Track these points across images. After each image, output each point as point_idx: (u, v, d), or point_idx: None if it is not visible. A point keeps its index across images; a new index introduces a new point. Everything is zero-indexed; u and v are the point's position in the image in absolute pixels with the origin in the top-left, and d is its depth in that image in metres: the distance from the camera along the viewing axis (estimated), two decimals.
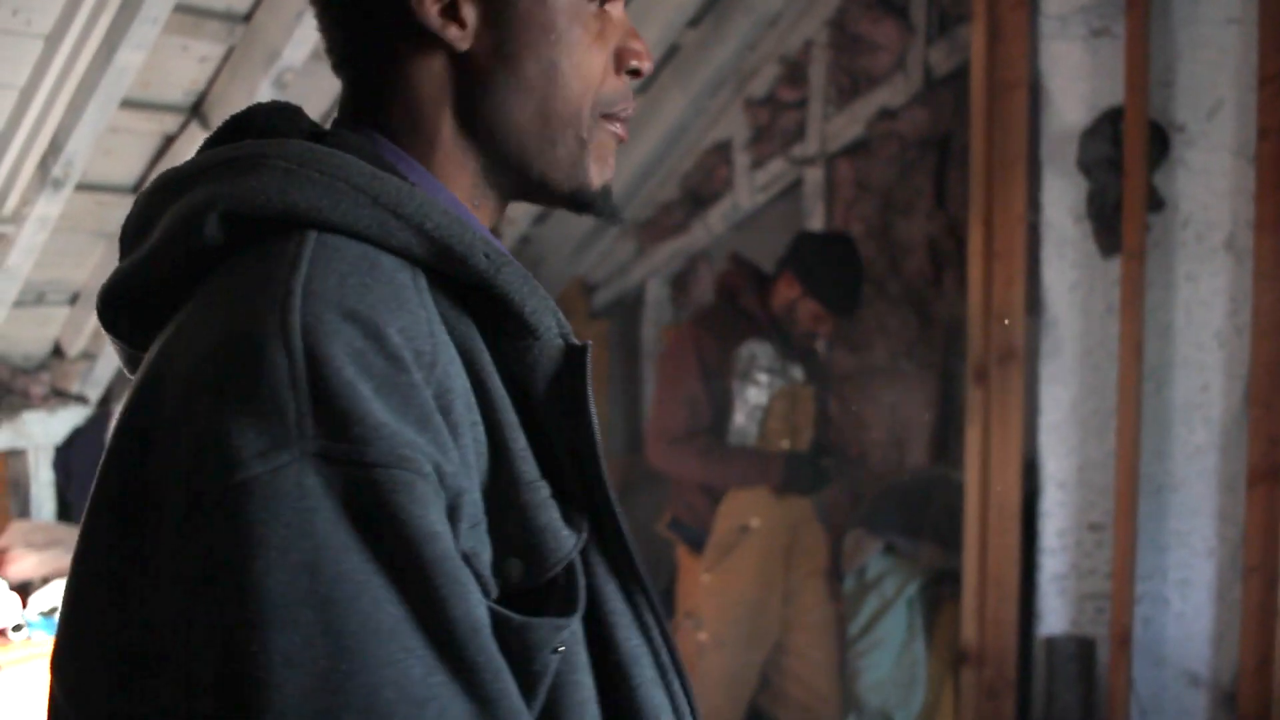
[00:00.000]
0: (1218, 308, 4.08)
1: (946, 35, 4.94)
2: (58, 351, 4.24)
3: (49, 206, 3.53)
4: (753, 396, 3.98)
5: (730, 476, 4.04)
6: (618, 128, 1.17)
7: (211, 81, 3.80)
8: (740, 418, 3.97)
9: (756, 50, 5.38)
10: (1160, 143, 4.10)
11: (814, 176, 5.33)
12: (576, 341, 1.07)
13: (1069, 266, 4.25)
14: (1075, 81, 4.24)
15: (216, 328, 0.95)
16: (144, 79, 3.59)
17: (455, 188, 1.14)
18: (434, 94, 1.12)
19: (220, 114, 3.79)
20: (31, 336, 4.15)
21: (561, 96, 1.12)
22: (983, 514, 4.13)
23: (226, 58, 3.76)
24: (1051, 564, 4.20)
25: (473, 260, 1.02)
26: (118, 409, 1.04)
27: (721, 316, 4.14)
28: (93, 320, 4.13)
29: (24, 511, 4.22)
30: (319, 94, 4.06)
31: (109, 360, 4.16)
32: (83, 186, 3.71)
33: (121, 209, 3.93)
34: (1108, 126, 4.14)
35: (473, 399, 1.00)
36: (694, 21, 5.20)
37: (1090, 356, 4.24)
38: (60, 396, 4.22)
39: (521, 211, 5.33)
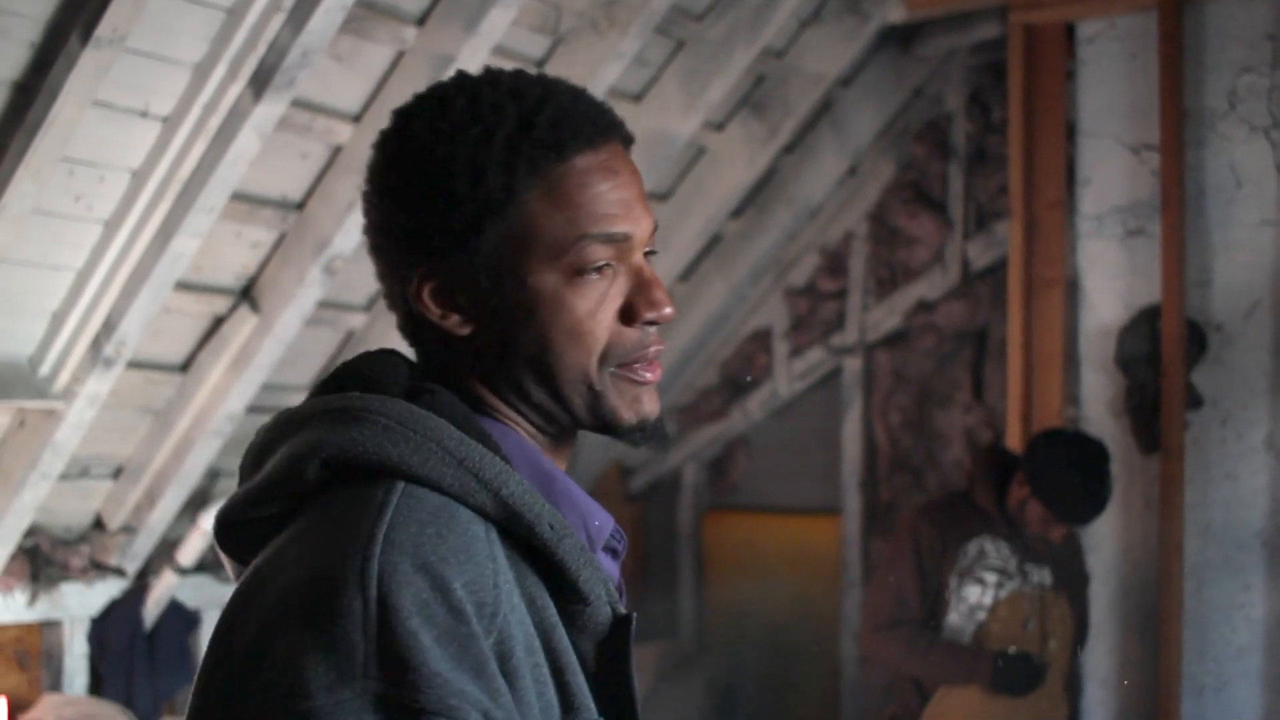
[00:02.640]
0: (1258, 507, 4.06)
1: (984, 230, 5.02)
2: (98, 524, 4.27)
3: (99, 385, 3.59)
4: (972, 595, 3.70)
5: (934, 671, 3.76)
6: (643, 373, 1.23)
7: (263, 266, 3.89)
8: (955, 616, 3.70)
9: (797, 240, 5.47)
10: (1198, 341, 4.13)
11: (852, 366, 5.37)
12: (623, 611, 1.18)
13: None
14: (1112, 279, 4.28)
15: (305, 562, 1.07)
16: (197, 262, 3.67)
17: (522, 431, 1.24)
18: (463, 370, 1.23)
19: (270, 298, 3.87)
20: (73, 509, 4.18)
21: (561, 365, 1.20)
22: None
23: (278, 244, 3.86)
24: None
25: (539, 529, 1.12)
26: (220, 613, 1.14)
27: (950, 509, 3.91)
28: (135, 494, 4.16)
29: (56, 684, 4.20)
30: (367, 279, 4.14)
31: (149, 534, 4.19)
32: (132, 364, 3.77)
33: (168, 387, 3.99)
34: (1145, 324, 4.17)
35: (536, 643, 1.10)
36: (736, 212, 5.30)
37: (1130, 553, 4.22)
38: (98, 569, 4.24)
39: None
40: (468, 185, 1.16)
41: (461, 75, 1.24)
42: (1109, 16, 4.36)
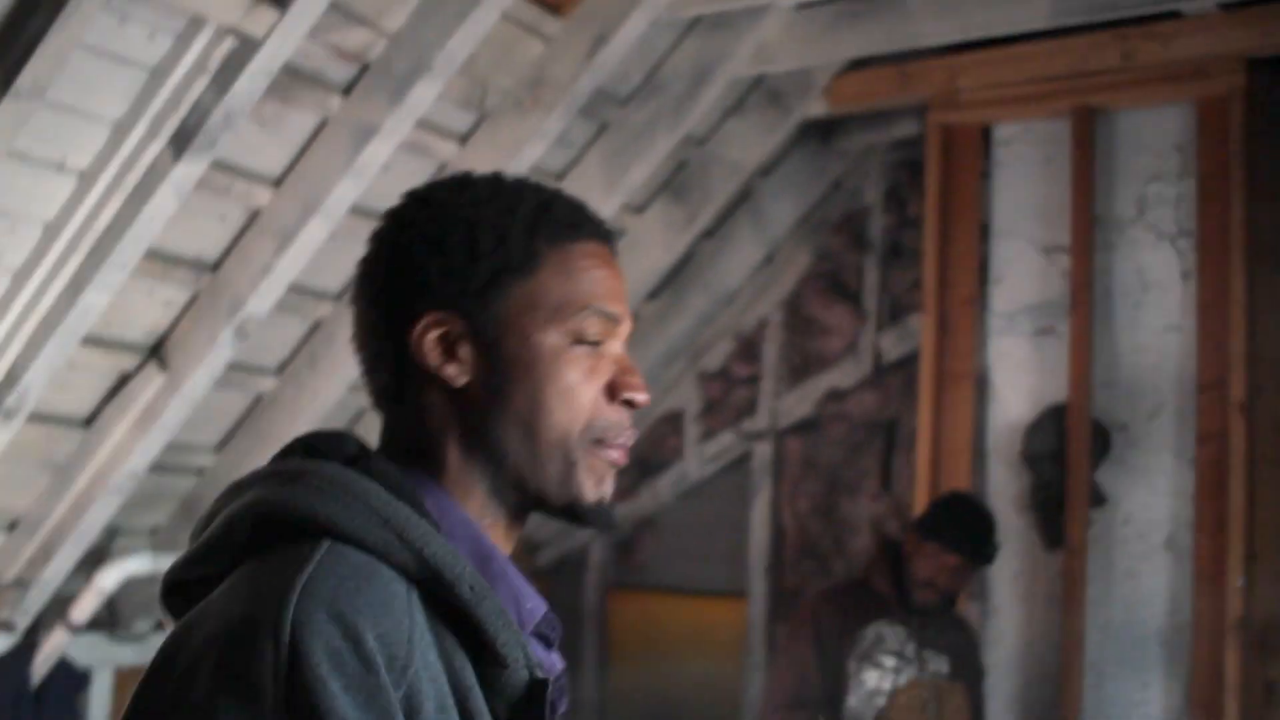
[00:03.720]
0: (1158, 606, 4.11)
1: (897, 323, 5.09)
2: None
3: None
4: (871, 680, 3.68)
5: None
6: (613, 453, 1.28)
7: (174, 325, 3.85)
8: (853, 700, 3.67)
9: (712, 325, 5.51)
10: (1102, 440, 4.20)
11: (763, 451, 5.40)
12: (540, 675, 1.18)
13: (1012, 556, 4.29)
14: (1021, 376, 4.36)
15: (229, 610, 1.10)
16: (106, 317, 3.63)
17: (468, 507, 1.26)
18: (440, 424, 1.27)
19: (180, 357, 3.83)
20: None
21: (547, 424, 1.25)
22: None
23: (191, 303, 3.82)
24: None
25: (459, 589, 1.14)
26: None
27: (849, 594, 3.92)
28: (29, 548, 4.07)
29: None
30: (279, 344, 4.12)
31: (42, 589, 4.08)
32: (34, 417, 3.71)
33: (70, 442, 3.92)
34: (1051, 422, 4.24)
35: (450, 702, 1.12)
36: (653, 295, 5.33)
37: (1032, 647, 4.25)
38: None
39: None
40: (491, 243, 1.25)
41: (464, 174, 1.34)
42: (1024, 120, 4.47)
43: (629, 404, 1.29)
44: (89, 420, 3.94)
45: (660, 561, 5.72)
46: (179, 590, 1.23)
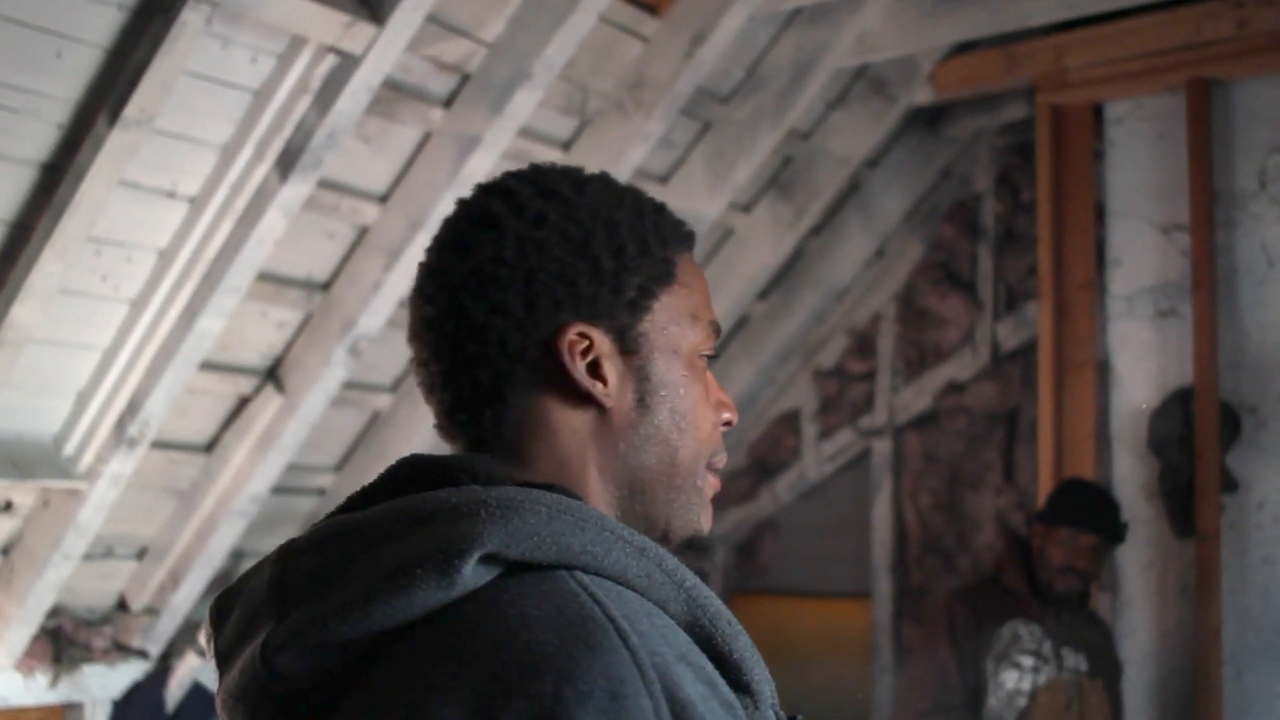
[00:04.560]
0: None
1: (1014, 311, 4.99)
2: (122, 605, 4.24)
3: (123, 464, 3.58)
4: (1010, 680, 3.61)
5: None
6: (716, 479, 1.22)
7: (288, 346, 3.89)
8: (994, 701, 3.61)
9: (825, 322, 5.45)
10: (1232, 423, 4.07)
11: (882, 448, 5.33)
12: (785, 714, 1.10)
13: (1143, 546, 4.18)
14: (1143, 361, 4.24)
15: (543, 663, 0.91)
16: (222, 342, 3.67)
17: None
18: (579, 447, 1.14)
19: (295, 379, 3.86)
20: (96, 589, 4.16)
21: (688, 446, 1.17)
22: None
23: (304, 324, 3.85)
24: None
25: (719, 624, 1.03)
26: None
27: (983, 593, 3.87)
28: (158, 575, 4.14)
29: None
30: (393, 360, 4.14)
31: (172, 615, 4.15)
32: (156, 444, 3.76)
33: (192, 467, 3.98)
34: (1177, 407, 4.12)
35: None
36: (763, 294, 5.28)
37: (1167, 639, 4.13)
38: (121, 650, 4.20)
39: None
40: (637, 250, 1.15)
41: (552, 165, 1.21)
42: (1136, 97, 4.35)
43: (727, 424, 1.22)
44: (210, 445, 3.99)
45: (782, 564, 5.67)
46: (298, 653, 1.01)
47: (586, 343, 1.13)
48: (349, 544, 1.03)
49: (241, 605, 1.09)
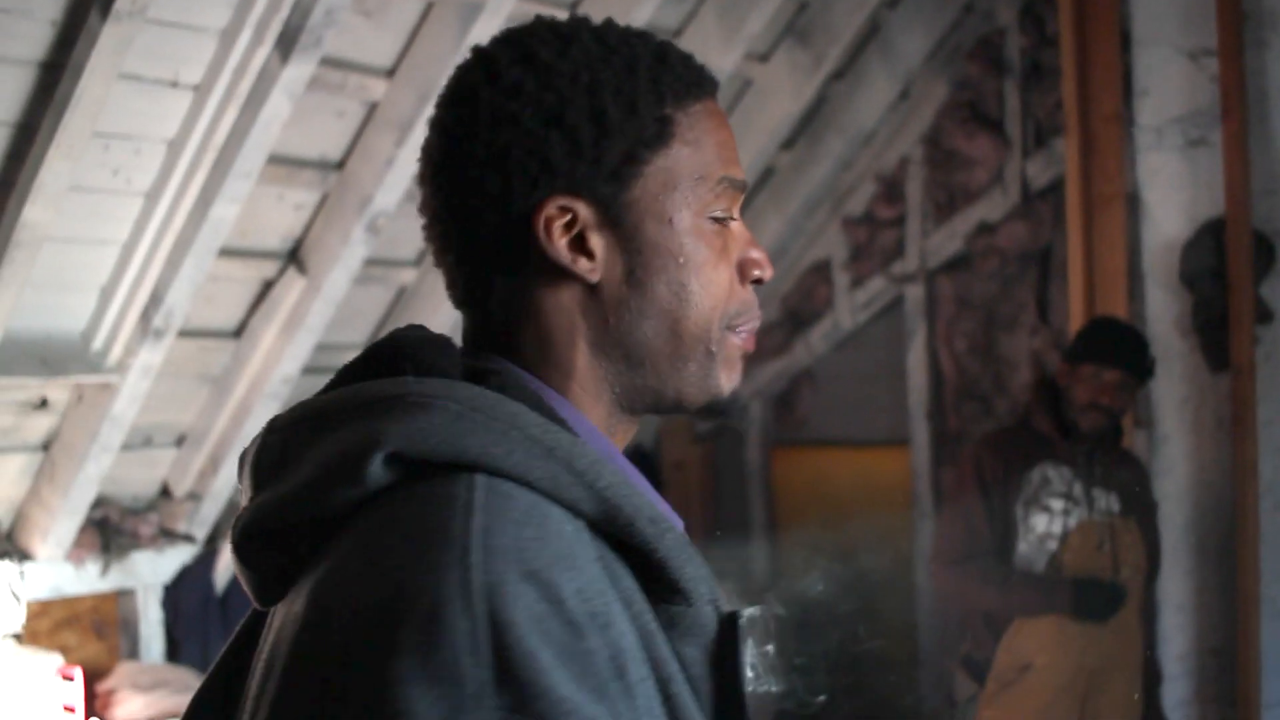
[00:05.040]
0: None
1: (1043, 148, 4.89)
2: (165, 492, 4.31)
3: (151, 355, 3.61)
4: (1040, 524, 3.60)
5: (1011, 605, 3.66)
6: (744, 338, 1.16)
7: (307, 228, 3.88)
8: (1024, 545, 3.61)
9: (852, 169, 5.38)
10: (1265, 253, 4.00)
11: (915, 294, 5.29)
12: (726, 608, 1.06)
13: (1178, 381, 4.14)
14: (1174, 193, 4.16)
15: (384, 578, 0.93)
16: (241, 228, 3.67)
17: (593, 417, 1.13)
18: (567, 325, 1.12)
19: (317, 259, 3.86)
20: (139, 478, 4.23)
21: (692, 316, 1.11)
22: None
23: (321, 205, 3.84)
24: (1174, 690, 4.03)
25: (639, 524, 1.00)
26: (271, 642, 1.03)
27: (1011, 438, 3.83)
28: (198, 461, 4.20)
29: (133, 651, 4.27)
30: (414, 235, 4.12)
31: (215, 500, 4.22)
32: (185, 333, 3.79)
33: (223, 353, 4.01)
34: (1210, 238, 4.05)
35: (641, 654, 0.98)
36: (788, 144, 5.21)
37: (1203, 474, 4.12)
38: (168, 536, 4.28)
39: None
40: (621, 114, 1.09)
41: (550, 19, 1.14)
42: None
43: (758, 282, 1.16)
44: (238, 331, 4.01)
45: (820, 415, 5.68)
46: (260, 540, 1.05)
47: (568, 216, 1.09)
48: (306, 430, 1.04)
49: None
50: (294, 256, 3.92)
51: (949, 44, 5.14)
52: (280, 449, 1.06)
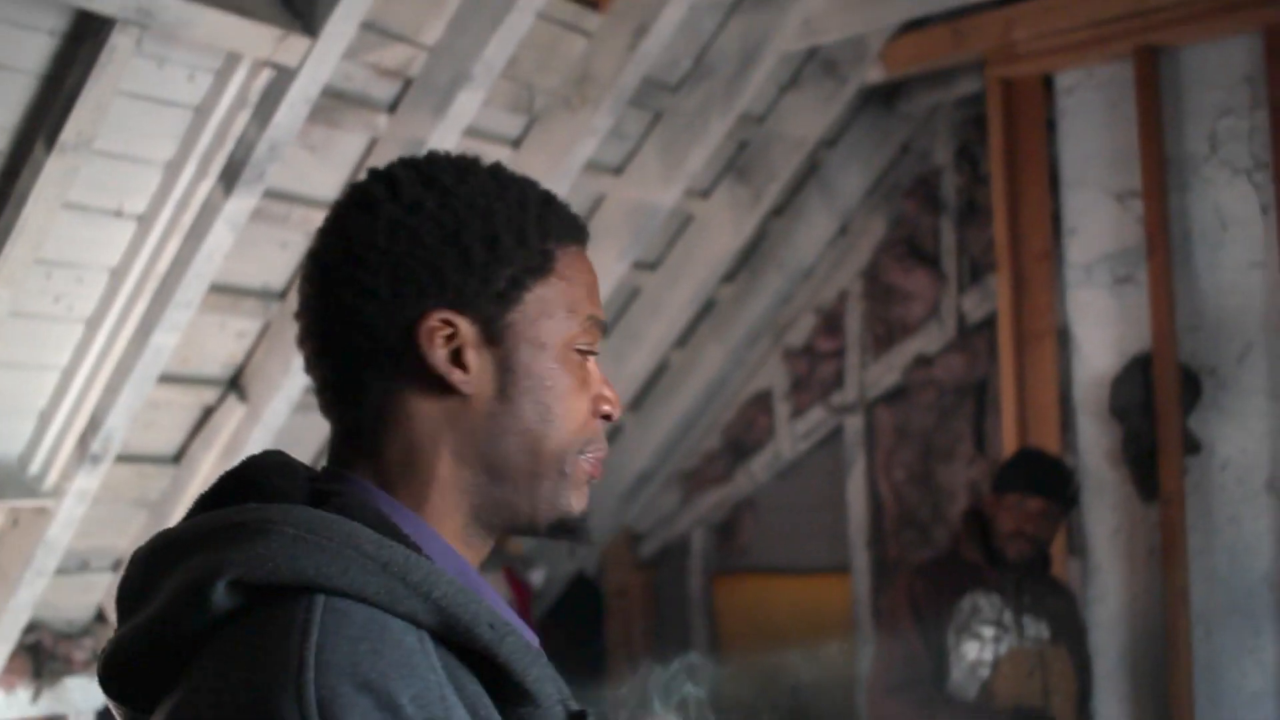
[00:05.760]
0: (1263, 551, 4.01)
1: (978, 283, 5.01)
2: (100, 617, 4.27)
3: (88, 480, 3.60)
4: (971, 652, 3.63)
5: None
6: (593, 464, 1.22)
7: (249, 355, 3.91)
8: (957, 673, 3.65)
9: (792, 302, 5.48)
10: (1192, 386, 4.10)
11: (854, 424, 5.36)
12: (576, 707, 1.10)
13: (1110, 511, 4.21)
14: (1103, 328, 4.27)
15: (231, 699, 0.97)
16: (183, 354, 3.70)
17: (447, 530, 1.17)
18: (434, 432, 1.16)
19: (258, 387, 3.89)
20: (75, 603, 4.19)
21: (552, 437, 1.17)
22: None
23: (263, 333, 3.88)
24: None
25: (477, 630, 1.04)
26: None
27: (942, 567, 3.88)
28: None
29: None
30: None
31: None
32: (124, 458, 3.79)
33: (162, 479, 4.01)
34: (1138, 372, 4.15)
35: None
36: (729, 277, 5.31)
37: (1136, 602, 4.17)
38: None
39: None
40: (512, 242, 1.16)
41: (447, 153, 1.23)
42: (1086, 67, 4.37)
43: (607, 418, 1.23)
44: (178, 456, 4.02)
45: (762, 543, 5.70)
46: (125, 671, 1.10)
47: (450, 330, 1.15)
48: (163, 559, 1.09)
49: None
50: (235, 384, 3.94)
51: (886, 182, 5.28)
52: (141, 579, 1.10)
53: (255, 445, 3.91)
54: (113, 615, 4.13)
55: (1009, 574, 3.66)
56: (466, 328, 1.15)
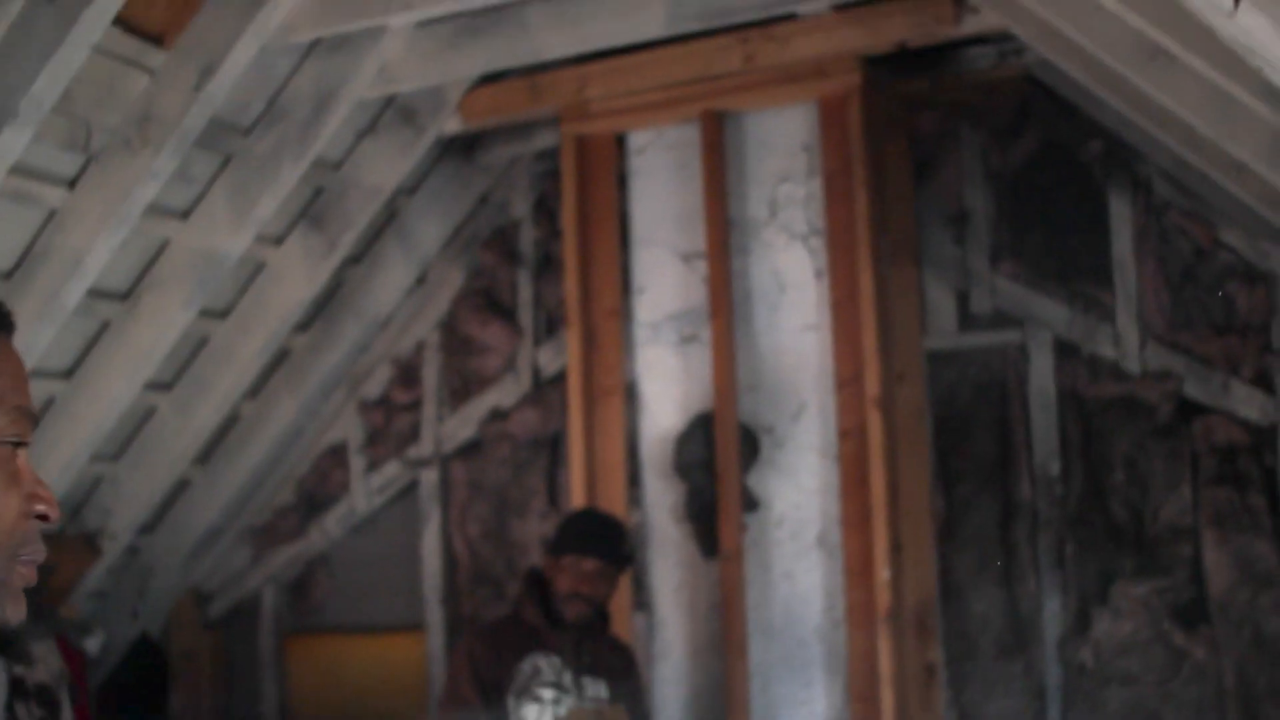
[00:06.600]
0: (815, 604, 4.17)
1: (554, 337, 5.04)
2: None
3: None
4: (531, 715, 3.54)
5: None
6: (28, 568, 1.15)
7: None
8: None
9: (369, 352, 5.36)
10: (751, 445, 4.23)
11: (430, 478, 5.28)
12: None
13: (673, 567, 4.29)
14: (669, 386, 4.36)
15: None
16: None
17: None
18: None
19: None
20: None
21: None
22: None
23: None
24: None
25: None
26: None
27: (502, 630, 3.78)
28: None
29: None
30: None
31: None
32: None
33: None
34: (700, 430, 4.25)
35: None
36: (303, 326, 5.14)
37: (698, 657, 4.25)
38: None
39: (126, 522, 5.05)
40: None
41: None
42: (656, 127, 4.47)
43: (43, 518, 1.15)
44: None
45: (335, 601, 5.53)
46: None
47: None
48: None
49: None
50: None
51: (465, 232, 5.25)
52: None
53: None
54: None
55: (568, 635, 3.66)
56: None
